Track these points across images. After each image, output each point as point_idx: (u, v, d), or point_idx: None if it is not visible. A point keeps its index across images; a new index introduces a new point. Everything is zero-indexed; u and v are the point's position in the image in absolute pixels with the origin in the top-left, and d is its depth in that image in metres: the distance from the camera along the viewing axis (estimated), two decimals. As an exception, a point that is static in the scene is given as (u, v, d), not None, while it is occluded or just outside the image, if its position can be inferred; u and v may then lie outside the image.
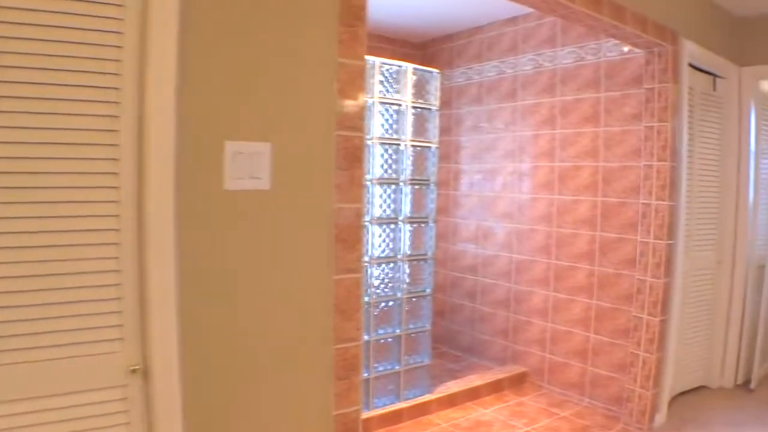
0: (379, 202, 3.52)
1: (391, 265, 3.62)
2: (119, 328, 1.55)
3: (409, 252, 3.69)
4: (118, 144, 1.54)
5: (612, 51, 3.81)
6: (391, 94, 3.56)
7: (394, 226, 3.61)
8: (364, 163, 2.03)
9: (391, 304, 3.64)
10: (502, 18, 4.57)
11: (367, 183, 3.44)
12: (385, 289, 3.61)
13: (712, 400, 4.08)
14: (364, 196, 3.40)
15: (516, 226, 4.51)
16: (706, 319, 4.21)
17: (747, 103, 4.15)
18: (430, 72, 3.76)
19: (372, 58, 3.45)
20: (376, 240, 3.53)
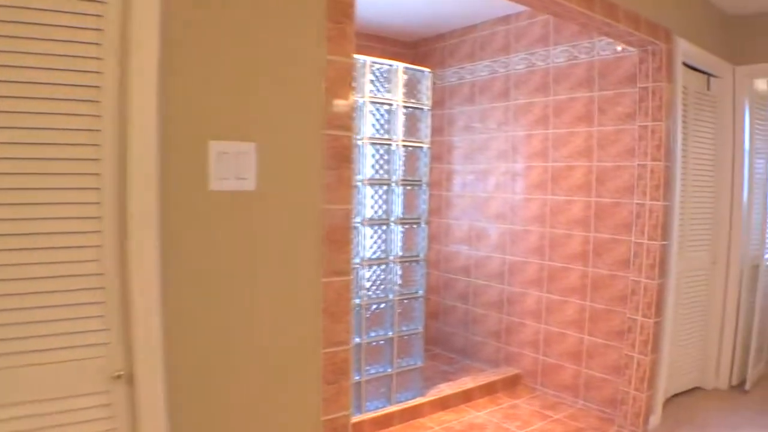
0: (370, 203, 3.48)
1: (383, 266, 3.59)
2: (102, 333, 1.53)
3: (400, 253, 3.66)
4: (100, 144, 1.51)
5: (605, 50, 3.78)
6: (381, 94, 3.52)
7: (385, 227, 3.57)
8: (353, 163, 1.99)
9: (382, 306, 3.62)
10: (494, 17, 4.54)
11: (358, 184, 3.40)
12: (377, 291, 3.58)
13: (707, 401, 4.06)
14: (354, 196, 3.39)
15: (509, 227, 4.48)
16: (700, 320, 4.19)
17: (741, 103, 4.14)
18: (421, 71, 3.72)
19: (362, 57, 3.42)
20: (368, 241, 3.49)
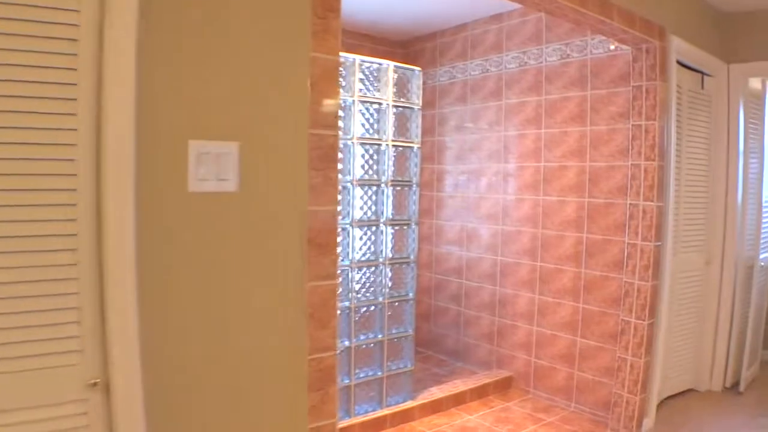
0: (359, 204, 3.42)
1: (373, 268, 3.53)
2: (77, 340, 1.47)
3: (391, 255, 3.60)
4: (76, 144, 1.46)
5: (598, 48, 3.73)
6: (371, 93, 3.46)
7: (375, 228, 3.51)
8: (338, 164, 1.93)
9: (372, 308, 3.56)
10: (486, 15, 4.49)
11: (348, 184, 3.34)
12: (367, 294, 3.52)
13: (701, 403, 4.02)
14: (340, 198, 3.34)
15: (501, 228, 4.42)
16: (694, 321, 4.15)
17: (735, 101, 4.10)
18: (411, 70, 3.66)
19: (351, 56, 3.37)
20: (357, 243, 3.43)
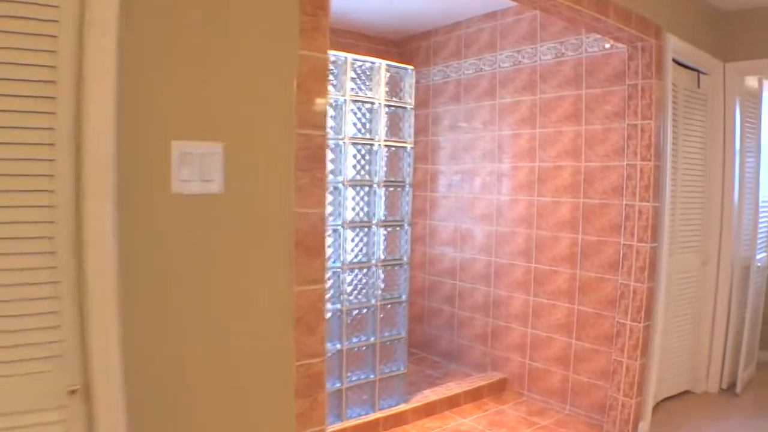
0: (351, 204, 3.37)
1: (365, 270, 3.47)
2: (56, 345, 1.42)
3: (383, 257, 3.54)
4: (55, 143, 1.40)
5: (593, 46, 3.68)
6: (363, 92, 3.40)
7: (367, 230, 3.46)
8: (327, 165, 1.88)
9: (364, 311, 3.50)
10: (480, 14, 4.44)
11: (339, 185, 3.29)
12: (359, 296, 3.46)
13: (697, 405, 3.98)
14: (332, 198, 3.29)
15: (495, 229, 4.38)
16: (690, 323, 4.11)
17: (731, 100, 4.06)
18: (404, 69, 3.60)
19: (343, 54, 3.31)
20: (349, 245, 3.38)
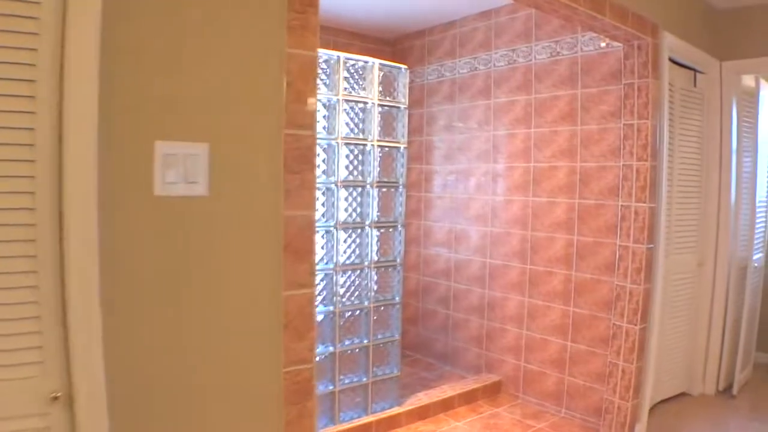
0: (344, 205, 3.32)
1: (358, 272, 3.42)
2: (36, 351, 1.37)
3: (376, 258, 3.50)
4: (34, 144, 1.35)
5: (589, 45, 3.64)
6: (356, 92, 3.36)
7: (360, 231, 3.41)
8: (316, 166, 1.83)
9: (357, 313, 3.45)
10: (475, 12, 4.39)
11: (332, 186, 3.25)
12: (352, 298, 3.42)
13: (694, 408, 3.95)
14: (324, 199, 3.26)
15: (490, 230, 4.33)
16: (686, 324, 4.08)
17: (728, 99, 4.02)
18: (398, 68, 3.55)
19: (336, 53, 3.27)
20: (342, 246, 3.33)
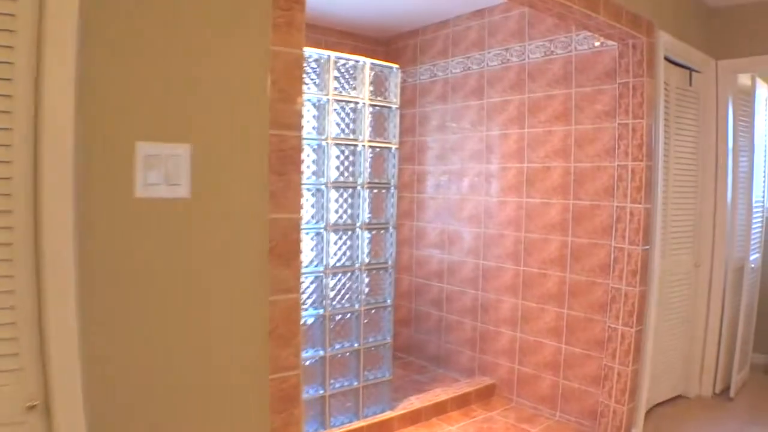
0: (334, 207, 3.26)
1: (349, 274, 3.37)
2: (12, 358, 1.33)
3: (367, 260, 3.44)
4: (11, 144, 1.31)
5: (583, 44, 3.59)
6: (347, 91, 3.30)
7: (351, 232, 3.35)
8: (302, 167, 1.78)
9: (348, 316, 3.40)
10: (468, 11, 4.34)
11: (322, 187, 3.19)
12: (342, 301, 3.36)
13: (691, 410, 3.91)
14: (314, 201, 3.20)
15: (483, 231, 4.28)
16: (682, 325, 4.04)
17: (724, 98, 3.98)
18: (389, 68, 3.50)
19: (326, 52, 3.22)
20: (332, 248, 3.27)
